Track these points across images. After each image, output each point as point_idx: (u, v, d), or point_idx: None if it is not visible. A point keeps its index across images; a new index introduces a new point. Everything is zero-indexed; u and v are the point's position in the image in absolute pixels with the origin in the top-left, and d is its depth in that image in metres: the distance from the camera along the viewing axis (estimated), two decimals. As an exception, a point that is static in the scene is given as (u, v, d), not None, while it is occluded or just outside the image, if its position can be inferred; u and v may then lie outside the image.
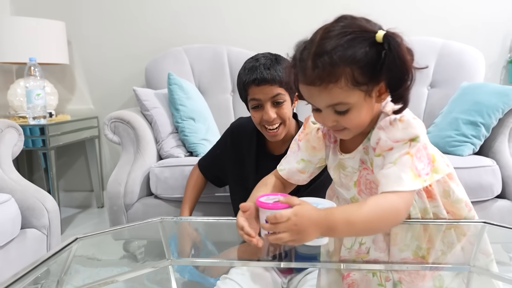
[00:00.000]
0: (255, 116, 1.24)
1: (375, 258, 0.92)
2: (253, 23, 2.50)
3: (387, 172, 0.75)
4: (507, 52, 2.40)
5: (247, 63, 1.25)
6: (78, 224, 2.46)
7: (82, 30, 2.62)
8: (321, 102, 0.76)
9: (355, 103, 0.75)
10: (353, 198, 0.92)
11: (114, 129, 1.85)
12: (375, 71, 0.72)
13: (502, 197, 1.62)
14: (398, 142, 0.76)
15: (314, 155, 0.95)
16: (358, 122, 0.78)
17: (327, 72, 0.71)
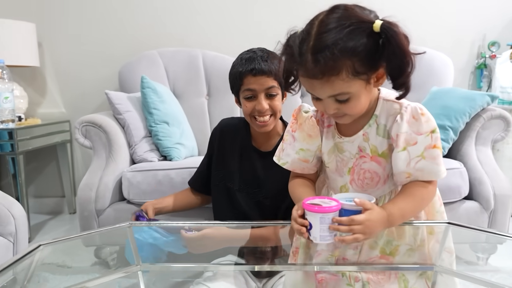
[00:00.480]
0: (247, 106, 1.24)
1: (345, 256, 0.93)
2: (228, 27, 2.50)
3: (419, 166, 0.82)
4: (475, 59, 2.48)
5: (243, 55, 1.26)
6: (49, 231, 2.40)
7: (54, 32, 2.57)
8: (323, 93, 0.80)
9: (355, 92, 0.79)
10: (343, 187, 0.93)
11: (85, 133, 1.82)
12: (374, 60, 0.76)
13: (469, 198, 1.67)
14: (422, 135, 0.81)
15: (312, 143, 0.96)
16: (358, 108, 0.82)
17: (329, 66, 0.74)
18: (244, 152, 1.34)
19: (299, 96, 2.28)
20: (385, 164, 0.88)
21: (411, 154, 0.82)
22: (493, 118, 1.75)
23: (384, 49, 0.74)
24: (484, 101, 1.76)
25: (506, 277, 1.66)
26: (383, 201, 0.92)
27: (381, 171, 0.89)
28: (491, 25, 2.44)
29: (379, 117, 0.87)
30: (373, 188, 0.91)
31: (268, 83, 1.21)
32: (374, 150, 0.88)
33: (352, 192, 0.91)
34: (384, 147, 0.87)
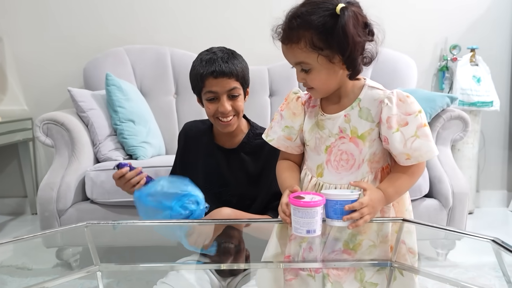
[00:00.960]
0: (209, 108, 1.23)
1: (311, 246, 0.96)
2: (197, 25, 2.48)
3: (415, 145, 0.88)
4: (437, 61, 2.56)
5: (203, 55, 1.23)
6: (10, 232, 2.32)
7: (16, 26, 2.47)
8: (290, 59, 0.91)
9: (315, 65, 0.87)
10: (319, 166, 0.97)
11: (47, 131, 1.77)
12: (331, 38, 0.83)
13: (429, 196, 1.72)
14: (411, 115, 0.88)
15: (296, 121, 1.01)
16: (320, 83, 0.90)
17: (293, 33, 0.86)
18: (209, 152, 1.33)
19: (267, 96, 2.30)
20: (362, 146, 0.93)
21: (405, 135, 0.88)
22: (452, 119, 1.81)
23: (335, 29, 0.82)
24: (444, 102, 1.83)
25: (464, 271, 1.73)
26: (353, 187, 0.94)
27: (357, 154, 0.93)
28: (453, 29, 2.53)
29: (363, 101, 0.93)
30: (347, 171, 0.94)
31: (230, 84, 1.20)
32: (354, 131, 0.93)
33: (338, 189, 0.94)
34: (365, 129, 0.92)
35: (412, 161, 0.90)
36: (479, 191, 2.67)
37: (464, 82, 2.39)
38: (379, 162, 0.96)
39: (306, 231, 0.83)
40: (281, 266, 1.03)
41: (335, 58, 0.86)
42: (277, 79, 2.29)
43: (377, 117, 0.91)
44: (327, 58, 0.86)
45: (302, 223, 0.83)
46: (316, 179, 0.98)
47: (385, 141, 0.91)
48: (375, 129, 0.92)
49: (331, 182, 0.96)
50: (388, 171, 0.96)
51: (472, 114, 2.40)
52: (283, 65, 2.31)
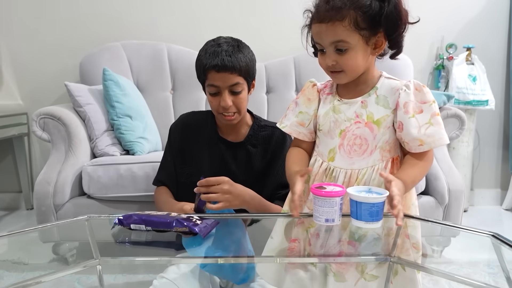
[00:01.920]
0: (212, 102, 1.22)
1: (318, 233, 0.97)
2: (194, 21, 2.47)
3: (429, 132, 0.92)
4: (434, 60, 2.57)
5: (208, 46, 1.21)
6: (4, 227, 2.30)
7: (10, 19, 2.44)
8: (327, 38, 0.91)
9: (354, 45, 0.90)
10: (332, 151, 0.99)
11: (43, 126, 1.76)
12: (375, 20, 0.89)
13: (425, 193, 1.74)
14: (425, 104, 0.93)
15: (310, 106, 1.05)
16: (354, 64, 0.92)
17: (335, 10, 0.88)
18: (212, 145, 1.31)
19: (264, 93, 2.30)
20: (377, 132, 0.96)
21: (420, 122, 0.92)
22: (449, 117, 1.82)
23: (385, 11, 0.88)
24: (440, 100, 1.84)
25: (459, 268, 1.74)
26: (363, 174, 0.97)
27: (371, 139, 0.96)
28: (449, 27, 2.54)
29: (380, 89, 0.97)
30: (359, 156, 0.97)
31: (232, 80, 1.18)
32: (370, 117, 0.96)
33: (361, 186, 0.95)
34: (380, 115, 0.96)
35: (424, 148, 0.92)
36: (473, 189, 2.70)
37: (460, 81, 2.41)
38: (390, 152, 0.98)
39: (325, 220, 0.87)
40: (277, 260, 1.03)
41: (371, 40, 0.91)
42: (274, 76, 2.29)
43: (393, 103, 0.95)
44: (364, 39, 0.90)
45: (322, 212, 0.86)
46: (327, 164, 1.00)
47: (400, 127, 0.94)
48: (390, 116, 0.96)
49: (342, 167, 0.98)
50: (398, 163, 0.99)
51: (468, 113, 2.41)
52: (280, 62, 2.32)
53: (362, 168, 0.97)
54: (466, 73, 2.43)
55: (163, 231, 0.90)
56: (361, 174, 0.97)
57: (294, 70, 2.28)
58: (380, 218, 0.87)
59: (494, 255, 0.81)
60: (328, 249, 0.95)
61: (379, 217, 0.86)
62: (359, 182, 0.97)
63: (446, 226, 1.08)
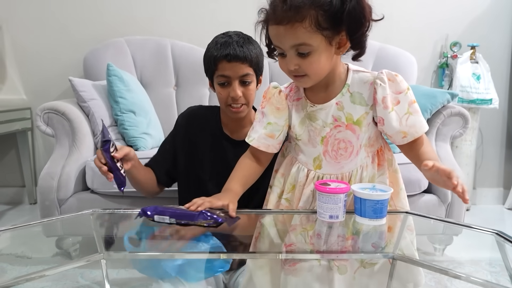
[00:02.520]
0: (221, 93, 1.21)
1: (319, 232, 0.96)
2: (197, 17, 2.47)
3: (410, 122, 0.90)
4: (438, 58, 2.57)
5: (219, 38, 1.21)
6: (8, 222, 2.31)
7: (15, 13, 2.45)
8: (287, 42, 0.84)
9: (316, 47, 0.83)
10: (316, 158, 0.96)
11: (47, 121, 1.76)
12: (337, 19, 0.81)
13: (428, 192, 1.73)
14: (401, 94, 0.90)
15: (280, 116, 0.99)
16: (317, 67, 0.86)
17: (294, 11, 0.80)
18: (215, 141, 1.32)
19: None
20: (359, 132, 0.93)
21: (399, 113, 0.90)
22: (452, 115, 1.82)
23: (347, 7, 0.80)
24: (444, 98, 1.84)
25: (460, 266, 1.75)
26: (355, 175, 0.95)
27: (355, 140, 0.93)
28: (454, 26, 2.54)
29: (351, 86, 0.92)
30: (347, 159, 0.95)
31: (243, 70, 1.18)
32: (349, 118, 0.92)
33: (366, 183, 0.94)
34: (360, 113, 0.92)
35: (408, 139, 0.91)
36: (475, 188, 2.69)
37: (463, 80, 2.40)
38: (373, 146, 0.97)
39: (329, 216, 0.87)
40: (279, 256, 1.02)
41: (334, 40, 0.84)
42: (277, 72, 2.29)
43: (370, 99, 0.92)
44: (327, 40, 0.83)
45: (326, 208, 0.87)
46: (314, 172, 0.97)
47: (380, 122, 0.92)
48: (369, 112, 0.93)
49: (331, 173, 0.96)
50: (383, 153, 0.98)
51: (471, 112, 2.41)
52: (284, 59, 2.32)
53: (352, 169, 0.96)
54: (470, 71, 2.42)
55: (186, 225, 0.89)
56: (352, 176, 0.96)
57: (297, 67, 2.28)
58: (384, 215, 0.87)
59: (496, 254, 0.81)
60: (331, 246, 0.95)
61: (383, 214, 0.87)
62: (352, 183, 0.95)
63: (450, 224, 1.08)
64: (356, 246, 0.92)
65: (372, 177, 0.96)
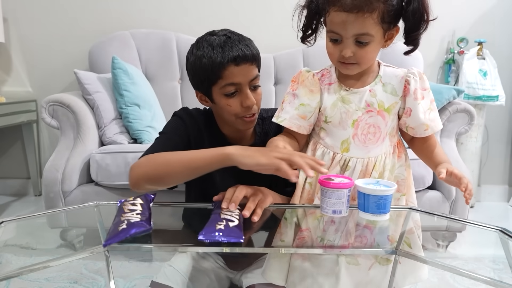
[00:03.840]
0: (231, 105, 1.00)
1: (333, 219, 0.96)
2: (202, 10, 2.46)
3: (432, 116, 0.97)
4: (444, 54, 2.55)
5: (211, 41, 0.98)
6: (13, 213, 2.33)
7: (20, 6, 2.45)
8: (351, 30, 0.87)
9: (376, 38, 0.89)
10: (345, 141, 0.98)
11: (52, 113, 1.77)
12: (398, 15, 0.89)
13: (432, 188, 1.73)
14: (425, 90, 0.96)
15: (313, 98, 0.99)
16: (369, 57, 0.92)
17: (367, 2, 0.84)
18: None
19: (272, 84, 2.29)
20: (388, 119, 0.97)
21: (424, 107, 0.96)
22: (458, 112, 1.81)
23: (410, 5, 0.88)
24: (450, 94, 1.82)
25: (464, 263, 1.74)
26: (379, 160, 0.98)
27: (383, 127, 0.97)
28: (461, 22, 2.51)
29: (383, 77, 0.98)
30: (374, 144, 0.98)
31: (253, 72, 1.00)
32: (381, 105, 0.97)
33: (370, 178, 0.95)
34: (390, 102, 0.97)
35: (428, 132, 0.97)
36: (480, 185, 2.68)
37: (470, 76, 2.39)
38: (394, 137, 1.02)
39: (332, 211, 0.87)
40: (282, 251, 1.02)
41: (387, 34, 0.91)
42: (283, 67, 2.28)
43: (400, 91, 0.97)
44: (384, 33, 0.90)
45: (329, 203, 0.87)
46: (341, 155, 0.99)
47: (407, 113, 0.97)
48: (398, 103, 0.98)
49: (358, 156, 0.98)
50: (400, 146, 1.03)
51: (477, 108, 2.39)
52: (288, 54, 2.31)
53: (378, 155, 0.99)
54: (477, 67, 2.40)
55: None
56: (377, 161, 0.98)
57: (302, 62, 2.27)
58: (388, 210, 0.87)
59: (500, 251, 0.81)
60: (342, 236, 0.94)
61: (387, 209, 0.86)
62: (376, 169, 0.98)
63: (454, 220, 1.07)
64: (371, 238, 0.91)
65: (392, 167, 1.00)
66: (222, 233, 0.75)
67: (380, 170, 0.99)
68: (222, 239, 0.74)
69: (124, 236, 0.75)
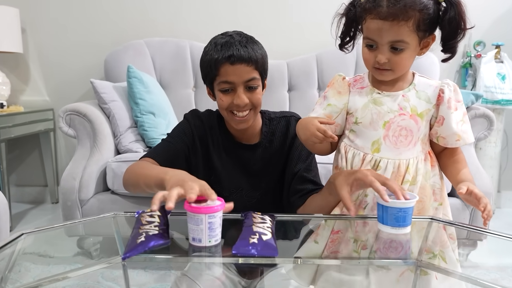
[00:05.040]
0: (223, 100, 1.06)
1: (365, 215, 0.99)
2: (216, 18, 2.48)
3: (464, 128, 0.97)
4: (460, 57, 2.51)
5: (217, 39, 1.07)
6: (31, 220, 2.36)
7: (38, 17, 2.51)
8: (386, 37, 0.90)
9: (411, 46, 0.90)
10: (376, 142, 0.98)
11: (69, 122, 1.79)
12: (433, 24, 0.90)
13: (451, 195, 1.69)
14: (459, 102, 0.97)
15: (340, 99, 1.03)
16: (404, 64, 0.93)
17: (403, 10, 0.87)
18: (229, 151, 1.17)
19: (286, 90, 2.28)
20: (420, 124, 0.97)
21: (457, 118, 0.96)
22: (477, 117, 1.78)
23: (447, 15, 0.89)
24: (468, 99, 1.79)
25: (485, 273, 1.69)
26: (411, 163, 0.97)
27: (416, 131, 0.97)
28: (477, 24, 2.46)
29: (417, 85, 0.99)
30: (405, 147, 0.98)
31: (249, 74, 1.05)
32: (413, 109, 0.97)
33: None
34: (423, 108, 0.97)
35: (460, 143, 0.97)
36: (500, 191, 2.62)
37: (488, 80, 2.34)
38: (426, 144, 1.01)
39: (192, 239, 0.76)
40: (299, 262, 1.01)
41: (423, 42, 0.92)
42: (296, 74, 2.28)
43: (433, 98, 0.97)
44: (419, 41, 0.91)
45: (189, 229, 0.76)
46: (371, 155, 0.99)
47: (439, 122, 0.97)
48: (431, 110, 0.98)
49: (389, 157, 0.98)
50: (432, 156, 1.02)
51: (496, 113, 2.34)
52: (302, 60, 2.30)
53: (409, 158, 0.98)
54: (495, 71, 2.36)
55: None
56: (410, 164, 0.98)
57: (316, 68, 2.26)
58: (408, 223, 0.84)
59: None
60: (372, 243, 0.93)
61: (406, 222, 0.84)
62: (410, 172, 0.97)
63: (473, 230, 1.05)
64: (396, 249, 0.90)
65: (426, 174, 0.99)
66: (256, 247, 0.74)
67: (413, 175, 0.98)
68: (256, 253, 0.73)
69: (143, 249, 0.75)
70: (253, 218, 0.87)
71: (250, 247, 0.74)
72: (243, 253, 0.74)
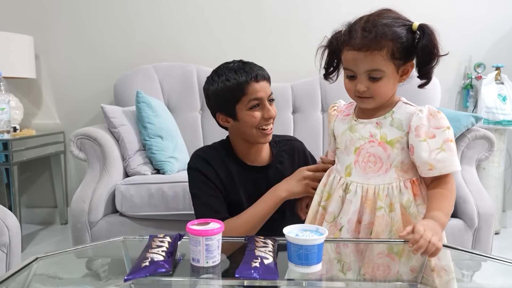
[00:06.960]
0: (255, 117, 1.16)
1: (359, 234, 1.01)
2: (222, 43, 2.55)
3: (440, 157, 0.93)
4: (462, 79, 2.55)
5: (231, 67, 1.17)
6: (40, 242, 2.40)
7: (51, 45, 2.61)
8: (362, 67, 0.94)
9: (387, 74, 0.93)
10: (348, 166, 1.03)
11: (80, 146, 1.85)
12: (409, 52, 0.93)
13: (454, 216, 1.71)
14: (439, 129, 0.94)
15: (330, 127, 1.14)
16: (383, 91, 0.96)
17: (375, 40, 0.90)
18: (242, 176, 1.24)
19: (290, 113, 2.33)
20: (390, 152, 0.98)
21: (431, 146, 0.93)
22: (477, 138, 1.80)
23: (420, 42, 0.92)
24: (468, 121, 1.82)
25: (489, 293, 1.69)
26: (382, 189, 0.98)
27: (385, 158, 0.99)
28: (478, 47, 2.52)
29: (395, 113, 1.00)
30: (374, 173, 1.00)
31: (269, 89, 1.20)
32: (383, 137, 0.99)
33: (311, 225, 0.93)
34: (394, 136, 0.98)
35: (434, 173, 0.94)
36: (505, 211, 2.62)
37: (489, 101, 2.38)
38: (407, 173, 0.99)
39: (192, 259, 0.84)
40: (304, 284, 1.03)
41: (401, 68, 0.95)
42: (300, 96, 2.33)
43: (407, 126, 0.97)
44: (396, 68, 0.94)
45: (190, 249, 0.84)
46: (344, 179, 1.04)
47: (411, 150, 0.96)
48: (404, 138, 0.98)
49: (359, 181, 1.01)
50: (418, 184, 0.99)
51: (498, 133, 2.37)
52: (306, 82, 2.35)
53: (379, 184, 0.99)
54: (496, 92, 2.40)
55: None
56: (380, 190, 0.98)
57: (320, 90, 2.31)
58: (312, 263, 0.79)
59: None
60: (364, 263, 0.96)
61: (309, 261, 0.79)
62: (380, 198, 0.98)
63: (475, 255, 1.06)
64: (394, 269, 0.92)
65: (407, 202, 0.98)
66: (258, 271, 0.80)
67: (388, 202, 0.98)
68: (258, 277, 0.79)
69: (145, 275, 0.81)
70: (255, 243, 0.91)
71: (252, 270, 0.79)
72: (245, 276, 0.79)
